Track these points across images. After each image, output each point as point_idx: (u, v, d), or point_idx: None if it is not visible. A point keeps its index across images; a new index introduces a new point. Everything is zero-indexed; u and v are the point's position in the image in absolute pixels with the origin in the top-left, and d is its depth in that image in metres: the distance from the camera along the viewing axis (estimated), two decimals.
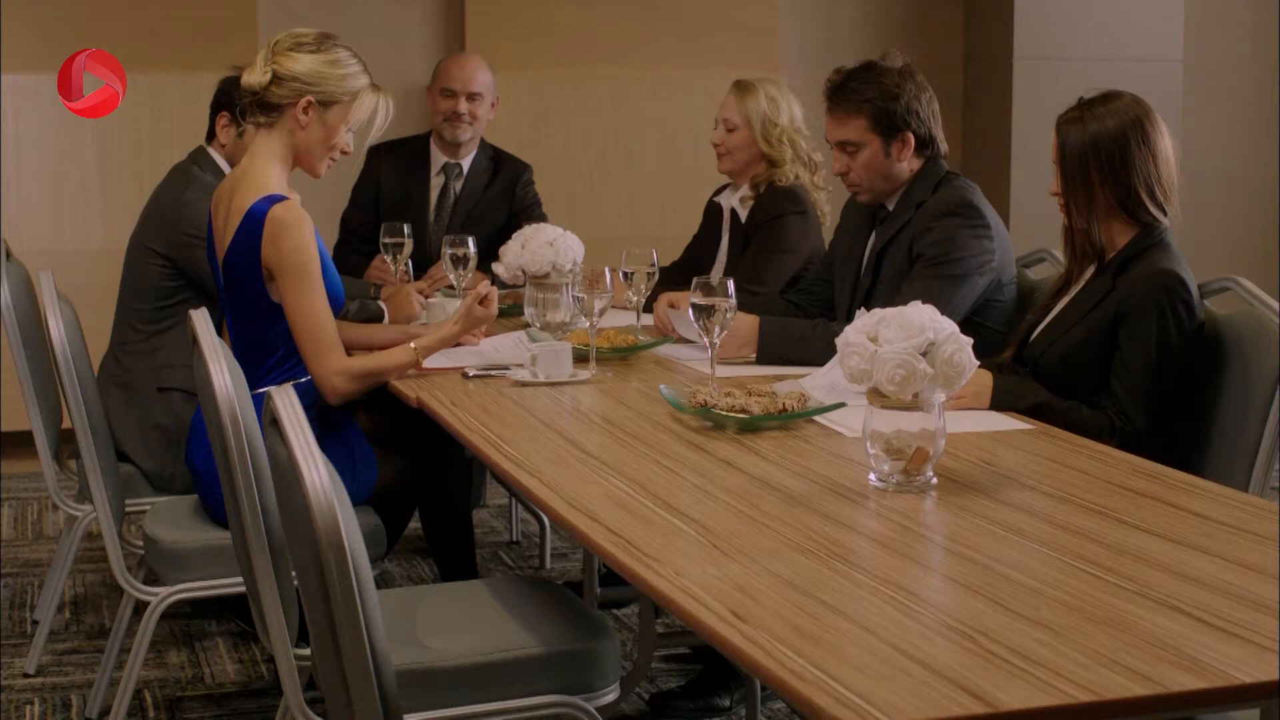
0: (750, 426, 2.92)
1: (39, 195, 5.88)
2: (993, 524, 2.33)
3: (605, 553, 2.21)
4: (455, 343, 3.57)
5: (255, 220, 3.31)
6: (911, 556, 2.17)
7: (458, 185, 5.09)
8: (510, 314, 4.26)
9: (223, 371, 2.54)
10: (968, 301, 3.61)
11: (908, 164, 3.69)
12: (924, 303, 3.53)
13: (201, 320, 2.67)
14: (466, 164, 5.10)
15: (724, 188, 4.70)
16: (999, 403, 3.15)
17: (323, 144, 3.45)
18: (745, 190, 4.55)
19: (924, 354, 2.46)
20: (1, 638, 4.22)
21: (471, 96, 4.99)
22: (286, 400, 1.99)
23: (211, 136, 4.18)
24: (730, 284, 3.17)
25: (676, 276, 4.68)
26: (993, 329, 3.67)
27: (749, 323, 3.61)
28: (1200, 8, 6.89)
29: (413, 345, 3.48)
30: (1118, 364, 3.17)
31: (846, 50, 6.71)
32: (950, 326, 2.50)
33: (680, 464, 2.69)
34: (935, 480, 2.52)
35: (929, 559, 2.17)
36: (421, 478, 3.71)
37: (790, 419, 2.94)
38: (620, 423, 3.01)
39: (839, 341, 2.56)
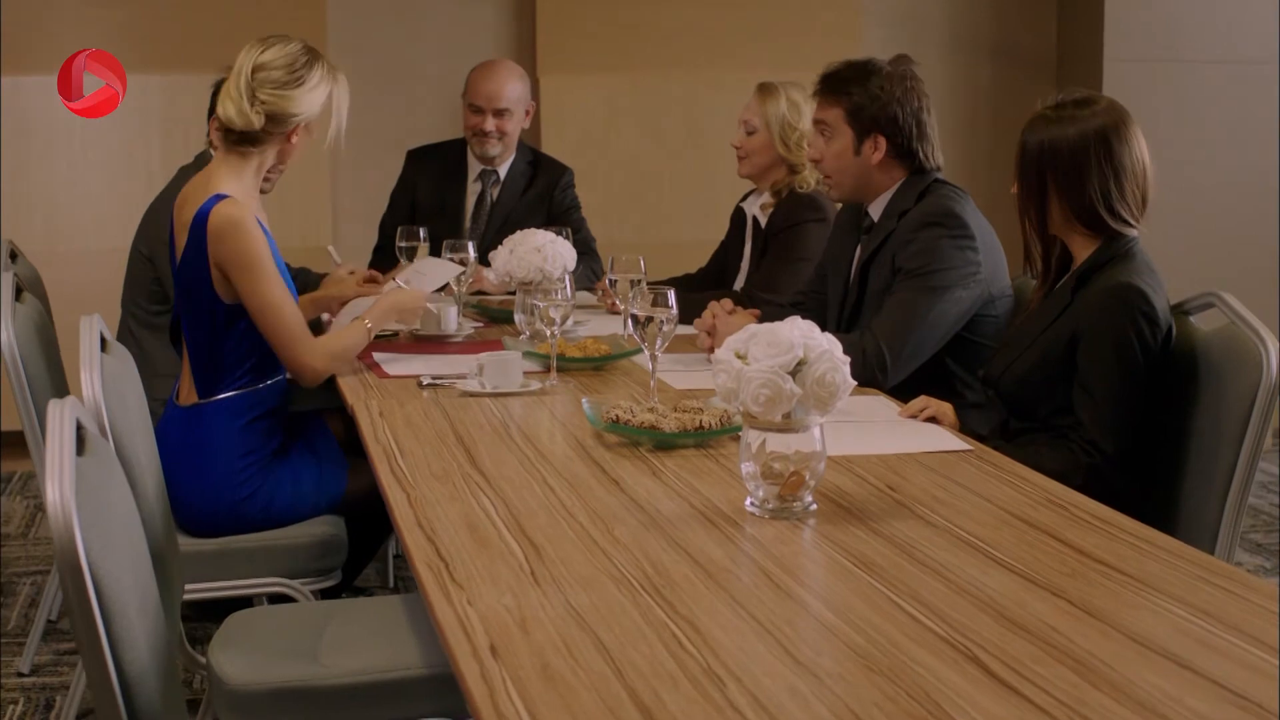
0: (665, 444, 2.80)
1: (97, 193, 5.96)
2: (847, 556, 2.18)
3: (417, 574, 2.13)
4: (398, 312, 3.67)
5: (200, 222, 3.27)
6: (729, 590, 2.03)
7: (495, 191, 5.03)
8: (501, 318, 4.20)
9: (93, 382, 2.50)
10: (951, 315, 3.44)
11: (882, 169, 3.55)
12: (904, 316, 3.42)
13: (86, 327, 2.63)
14: (504, 170, 5.03)
15: (750, 193, 4.57)
16: None
17: (302, 151, 3.44)
18: (766, 197, 4.43)
19: (793, 373, 2.31)
20: (10, 635, 4.26)
21: (499, 113, 4.90)
22: (57, 413, 1.93)
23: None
24: (671, 294, 3.04)
25: (701, 284, 4.58)
26: (985, 344, 3.49)
27: (737, 327, 3.48)
28: None
29: (366, 321, 3.55)
30: (1079, 389, 2.98)
31: (931, 52, 6.52)
32: (826, 345, 2.35)
33: (566, 483, 2.57)
34: (815, 506, 2.38)
35: (745, 593, 2.02)
36: None
37: (704, 436, 2.80)
38: (537, 438, 2.91)
39: (713, 358, 2.42)
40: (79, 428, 2.01)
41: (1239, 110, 6.31)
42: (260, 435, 3.38)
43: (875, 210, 3.61)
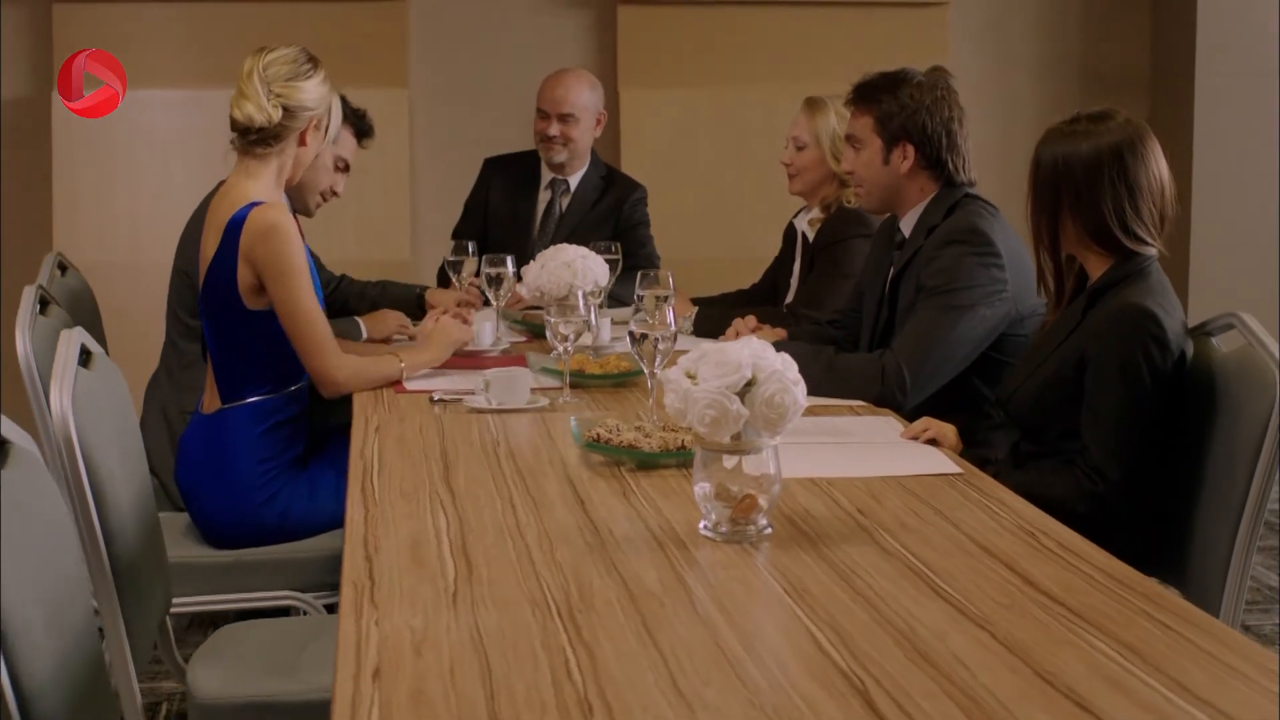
0: (647, 463, 2.76)
1: (182, 207, 6.04)
2: (783, 582, 2.12)
3: (343, 591, 2.11)
4: (440, 364, 3.58)
5: (235, 226, 3.30)
6: (645, 616, 1.98)
7: (564, 201, 5.02)
8: (544, 334, 4.17)
9: (62, 397, 2.52)
10: (976, 334, 3.35)
11: (911, 180, 3.49)
12: (924, 335, 3.34)
13: (66, 341, 2.66)
14: (575, 180, 5.02)
15: (801, 209, 4.52)
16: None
17: (314, 154, 3.47)
18: (815, 212, 4.37)
19: (742, 394, 2.26)
20: None
21: (563, 118, 4.88)
22: None
23: None
24: (671, 312, 3.00)
25: (753, 300, 4.52)
26: (1013, 365, 3.40)
27: None
28: None
29: (401, 362, 3.54)
30: (1086, 413, 2.89)
31: (1018, 70, 6.40)
32: (777, 366, 2.28)
33: (531, 502, 2.54)
34: (770, 529, 2.32)
35: (660, 620, 1.97)
36: None
37: (684, 456, 2.75)
38: (524, 455, 2.87)
39: (663, 377, 2.38)
40: (4, 443, 2.02)
41: None
42: (281, 442, 3.41)
43: (906, 226, 3.55)
